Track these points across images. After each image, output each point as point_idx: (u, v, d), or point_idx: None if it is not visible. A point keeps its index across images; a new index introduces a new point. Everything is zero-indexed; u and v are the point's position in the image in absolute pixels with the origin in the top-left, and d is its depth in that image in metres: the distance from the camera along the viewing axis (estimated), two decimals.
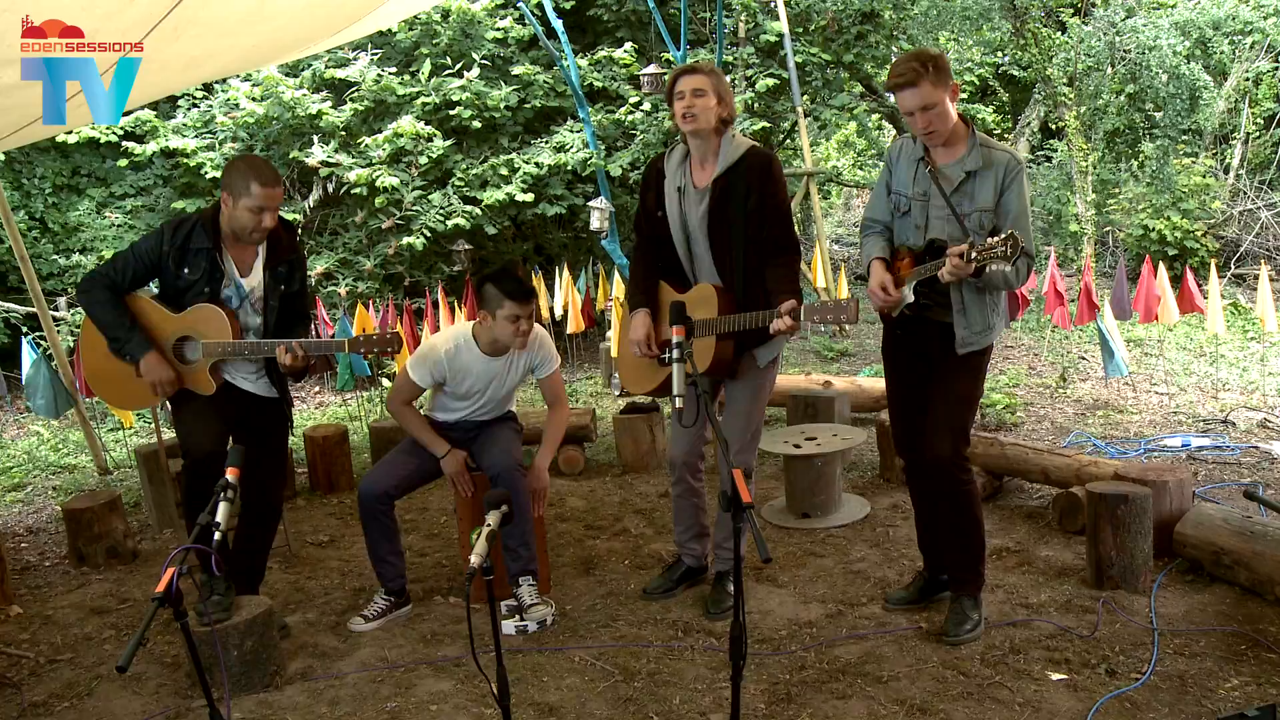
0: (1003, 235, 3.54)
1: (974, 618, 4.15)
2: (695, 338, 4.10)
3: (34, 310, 7.87)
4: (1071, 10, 11.78)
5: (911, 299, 3.93)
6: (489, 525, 3.10)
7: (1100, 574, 4.48)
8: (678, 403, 3.49)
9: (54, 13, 3.57)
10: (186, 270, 4.23)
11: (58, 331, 8.01)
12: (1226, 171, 13.84)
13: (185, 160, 10.02)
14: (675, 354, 3.47)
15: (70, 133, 9.66)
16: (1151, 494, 4.52)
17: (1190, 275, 7.20)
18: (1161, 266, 7.48)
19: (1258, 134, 13.16)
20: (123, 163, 10.20)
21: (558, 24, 9.62)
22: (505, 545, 4.51)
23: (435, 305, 8.68)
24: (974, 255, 3.62)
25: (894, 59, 15.30)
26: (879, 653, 4.08)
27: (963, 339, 3.96)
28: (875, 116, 14.73)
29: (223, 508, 3.14)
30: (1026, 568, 4.79)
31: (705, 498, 4.69)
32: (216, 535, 3.06)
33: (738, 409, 4.38)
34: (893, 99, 15.43)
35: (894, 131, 16.03)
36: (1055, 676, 3.80)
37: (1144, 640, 4.02)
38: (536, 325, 4.82)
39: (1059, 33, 11.46)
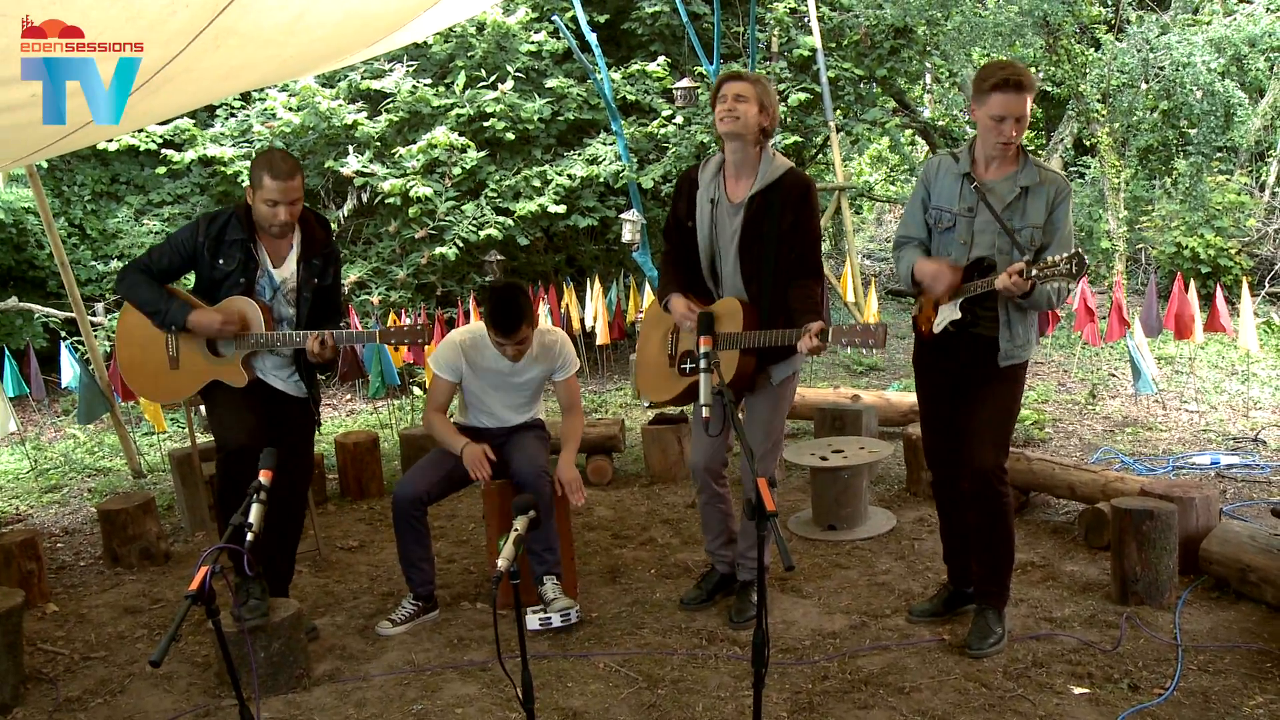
0: (1067, 255, 3.57)
1: (998, 631, 4.16)
2: (720, 349, 4.13)
3: (72, 315, 8.00)
4: (1105, 27, 11.75)
5: (958, 315, 3.96)
6: (516, 530, 3.14)
7: (1124, 589, 4.47)
8: (704, 412, 3.52)
9: (102, 26, 3.64)
10: (221, 261, 4.32)
11: (94, 336, 8.13)
12: (1262, 190, 13.74)
13: (222, 169, 10.16)
14: (702, 363, 3.50)
15: (110, 140, 9.81)
16: (1177, 510, 4.51)
17: (1220, 295, 7.18)
18: (1192, 284, 7.46)
19: None
20: (160, 170, 10.35)
21: (592, 37, 9.70)
22: (530, 549, 4.55)
23: (467, 315, 8.76)
24: (1035, 274, 3.64)
25: (928, 75, 15.30)
26: (902, 664, 4.09)
27: (1005, 351, 3.99)
28: (908, 132, 14.72)
29: (255, 509, 3.19)
30: (1051, 582, 4.79)
31: (731, 504, 4.72)
32: (249, 536, 3.12)
33: (758, 420, 4.41)
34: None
35: (925, 146, 16.01)
36: (1077, 690, 3.81)
37: (1168, 656, 4.01)
38: (558, 330, 4.89)
39: (1092, 49, 11.44)
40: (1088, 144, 14.02)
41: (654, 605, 4.80)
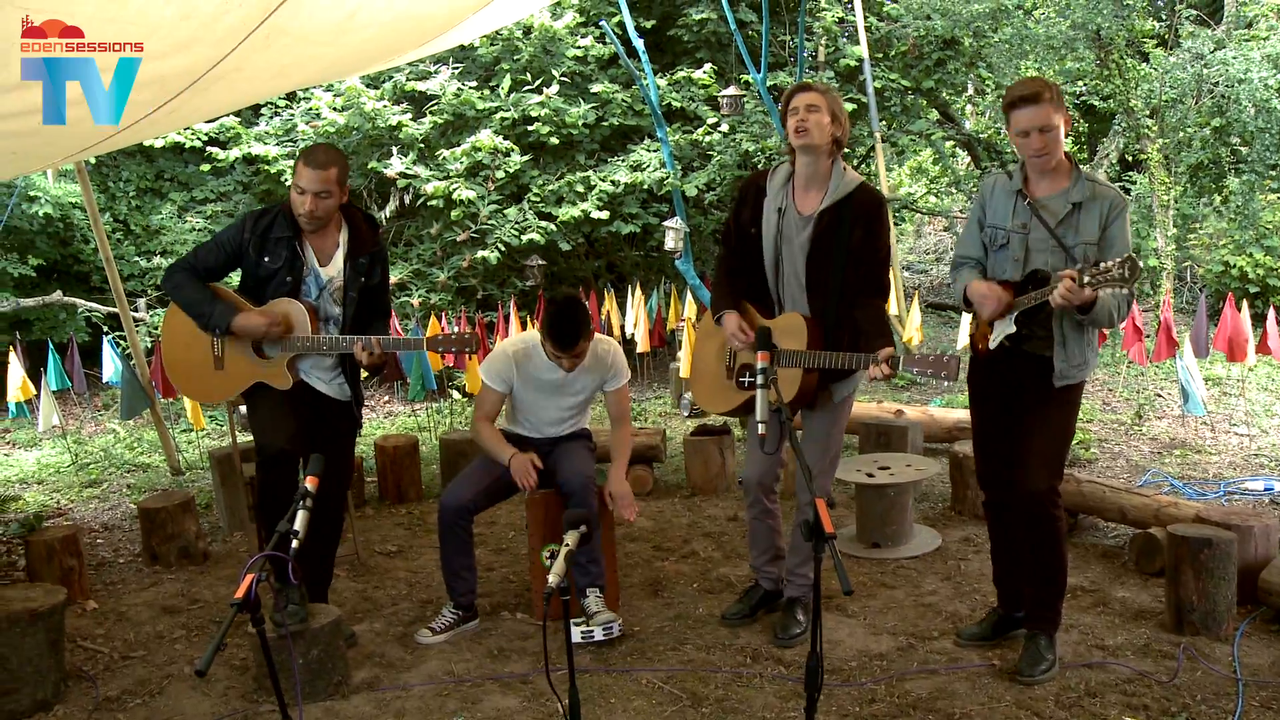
0: (1120, 259, 3.50)
1: (1049, 658, 4.06)
2: (781, 366, 4.07)
3: (115, 310, 8.03)
4: (1155, 41, 11.60)
5: (1013, 329, 3.88)
6: (567, 545, 3.09)
7: (1180, 619, 4.37)
8: (760, 429, 3.45)
9: (151, 29, 3.62)
10: (267, 259, 4.29)
11: (137, 332, 8.15)
12: None
13: (266, 167, 10.19)
14: (760, 379, 3.43)
15: (157, 138, 9.85)
16: (1236, 539, 4.40)
17: (1273, 317, 7.04)
18: (1244, 305, 7.33)
19: None
20: (205, 168, 10.39)
21: (638, 43, 9.65)
22: (575, 561, 4.50)
23: (507, 319, 8.73)
24: (1087, 280, 3.56)
25: (970, 87, 15.17)
26: (951, 689, 4.01)
27: (1061, 371, 3.90)
28: (949, 144, 14.58)
29: (300, 516, 3.15)
30: (1102, 608, 4.69)
31: (780, 520, 4.65)
32: (294, 543, 3.07)
33: (816, 437, 4.35)
34: (955, 125, 15.27)
35: (969, 159, 15.87)
36: None
37: (1227, 690, 3.90)
38: (611, 340, 4.83)
39: (1143, 63, 11.29)
40: (1132, 159, 13.86)
41: (697, 620, 4.73)
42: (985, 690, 3.99)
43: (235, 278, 4.51)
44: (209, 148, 10.17)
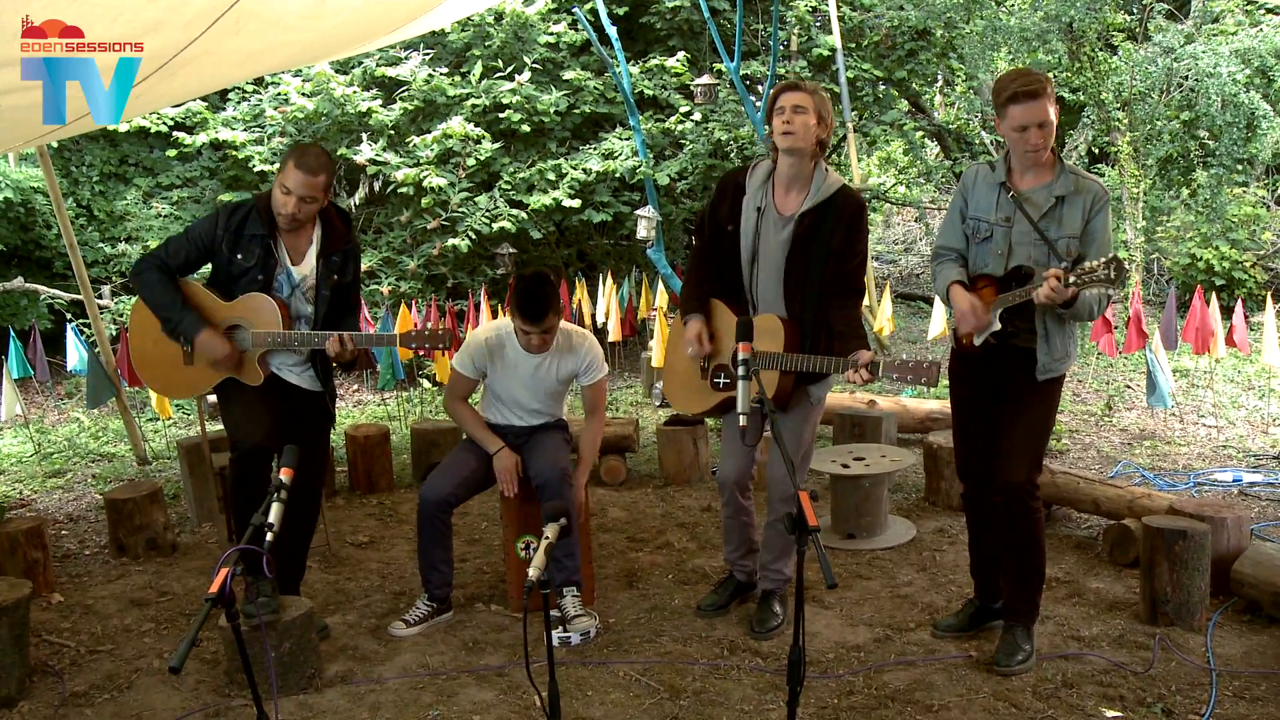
0: (1105, 259, 3.50)
1: (1026, 649, 4.07)
2: (758, 369, 4.04)
3: (78, 297, 7.90)
4: (1124, 35, 11.64)
5: (998, 326, 3.87)
6: (547, 538, 3.05)
7: (1154, 610, 4.39)
8: (741, 421, 3.42)
9: (118, 12, 3.55)
10: (240, 256, 4.21)
11: (101, 319, 8.02)
12: (1278, 203, 13.66)
13: (234, 153, 10.04)
14: (741, 371, 3.40)
15: (123, 122, 9.69)
16: (1210, 530, 4.43)
17: (1240, 309, 7.09)
18: (1214, 298, 7.37)
19: None
20: (171, 153, 10.23)
21: (612, 30, 9.57)
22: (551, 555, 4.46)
23: (477, 307, 8.66)
24: (1073, 279, 3.56)
25: (939, 78, 15.20)
26: (929, 680, 4.00)
27: (1044, 365, 3.90)
28: (919, 135, 14.60)
29: (275, 508, 3.09)
30: (1077, 599, 4.70)
31: (754, 516, 4.63)
32: (269, 536, 3.02)
33: (789, 432, 4.32)
34: (925, 117, 15.29)
35: (939, 149, 15.91)
36: (1110, 714, 3.72)
37: (1201, 681, 3.93)
38: (586, 332, 4.79)
39: (1111, 56, 11.33)
40: (1101, 152, 13.93)
41: (672, 612, 4.71)
42: (963, 681, 3.99)
43: (207, 269, 4.43)
44: (175, 133, 10.01)
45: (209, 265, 4.37)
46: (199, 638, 2.81)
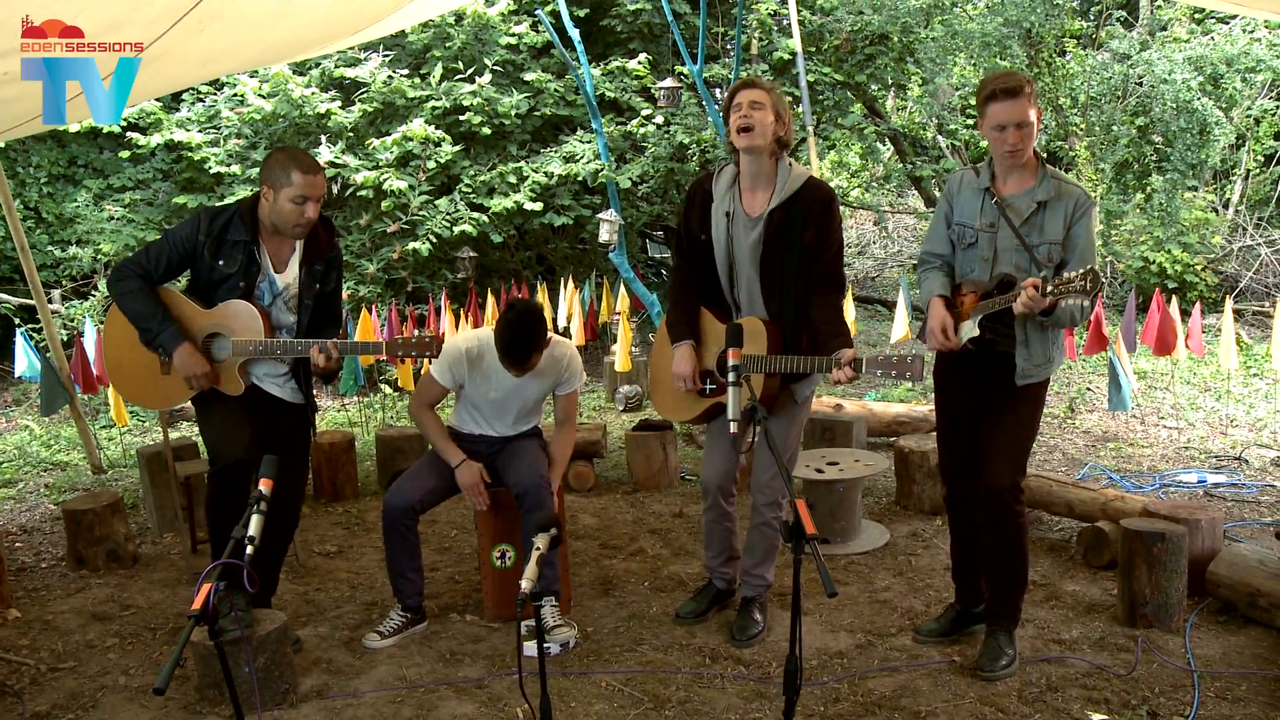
0: (1082, 270, 3.48)
1: (1009, 653, 4.06)
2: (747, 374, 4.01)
3: (28, 302, 7.70)
4: (1075, 41, 11.77)
5: (976, 333, 3.85)
6: (539, 548, 2.99)
7: (1133, 612, 4.40)
8: (732, 427, 3.38)
9: (80, 8, 3.47)
10: (222, 262, 4.08)
11: (54, 324, 7.83)
12: (1226, 206, 13.86)
13: (189, 154, 9.85)
14: (731, 376, 3.36)
15: (75, 122, 9.48)
16: (1187, 532, 4.45)
17: (1198, 313, 7.16)
18: (1174, 301, 7.45)
19: (1258, 170, 13.19)
20: (123, 154, 10.03)
21: (574, 32, 9.51)
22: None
23: (438, 311, 8.56)
24: (1049, 290, 3.55)
25: (889, 80, 15.29)
26: (913, 686, 3.98)
27: (1023, 370, 3.89)
28: (874, 138, 14.70)
29: (255, 520, 3.00)
30: (1055, 602, 4.70)
31: (736, 522, 4.59)
32: (249, 550, 2.93)
33: (775, 436, 4.28)
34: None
35: (894, 152, 16.01)
36: (1097, 717, 3.72)
37: (1184, 682, 3.93)
38: (567, 343, 4.70)
39: (1067, 62, 11.46)
40: (1059, 156, 14.07)
41: (651, 620, 4.65)
42: (948, 687, 3.97)
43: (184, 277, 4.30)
44: (128, 133, 9.81)
45: (190, 270, 4.25)
46: (184, 658, 2.71)
